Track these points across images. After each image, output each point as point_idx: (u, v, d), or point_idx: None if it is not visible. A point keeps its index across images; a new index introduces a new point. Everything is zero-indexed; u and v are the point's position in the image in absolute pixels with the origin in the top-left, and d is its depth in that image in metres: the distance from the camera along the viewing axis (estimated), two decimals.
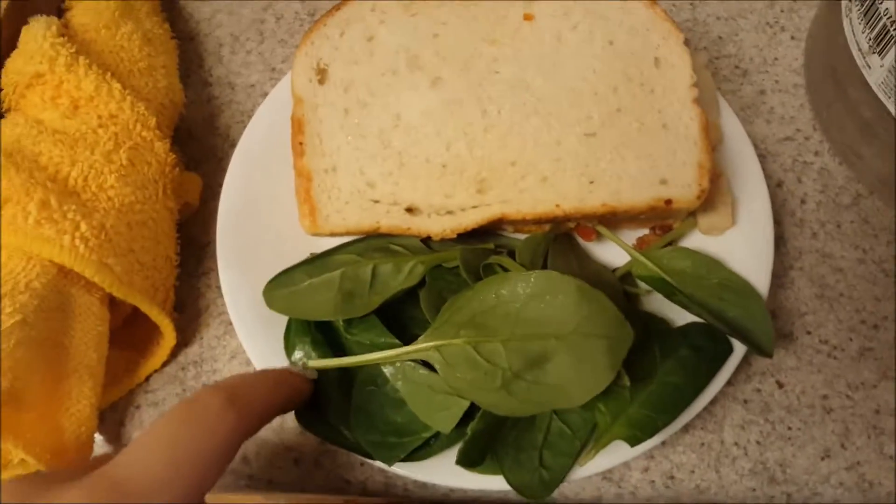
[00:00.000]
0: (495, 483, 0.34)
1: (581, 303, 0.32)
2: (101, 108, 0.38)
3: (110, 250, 0.36)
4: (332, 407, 0.35)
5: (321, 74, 0.38)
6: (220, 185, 0.42)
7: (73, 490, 0.24)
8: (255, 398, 0.29)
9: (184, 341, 0.40)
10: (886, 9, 0.36)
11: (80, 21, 0.41)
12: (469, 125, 0.37)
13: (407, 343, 0.35)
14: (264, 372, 0.33)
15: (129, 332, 0.41)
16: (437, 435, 0.34)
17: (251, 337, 0.37)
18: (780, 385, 0.38)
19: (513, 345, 0.31)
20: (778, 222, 0.41)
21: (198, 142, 0.45)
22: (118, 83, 0.39)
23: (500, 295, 0.32)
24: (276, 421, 0.38)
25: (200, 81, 0.47)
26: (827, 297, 0.40)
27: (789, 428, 0.37)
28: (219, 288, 0.41)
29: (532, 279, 0.32)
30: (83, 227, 0.35)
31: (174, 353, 0.40)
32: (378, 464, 0.34)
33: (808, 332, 0.39)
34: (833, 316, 0.40)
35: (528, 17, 0.38)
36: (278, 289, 0.37)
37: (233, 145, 0.44)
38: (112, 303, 0.38)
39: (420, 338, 0.33)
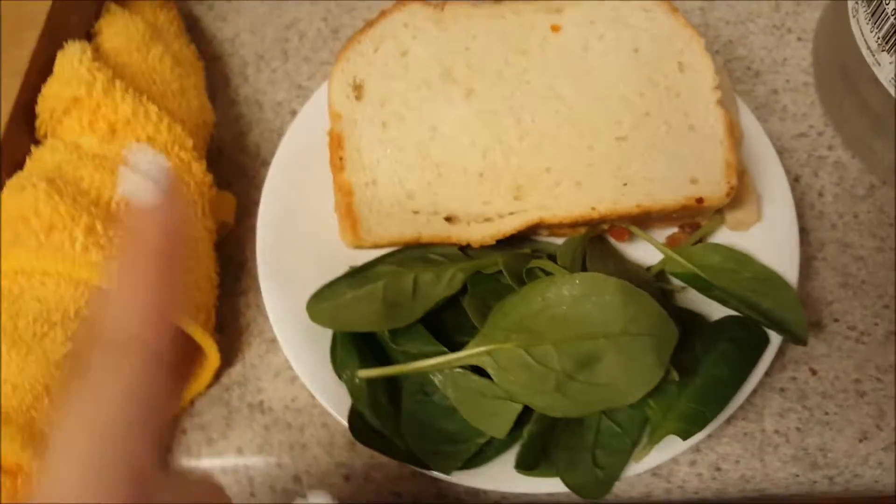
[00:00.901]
0: (551, 485, 0.35)
1: (626, 303, 0.33)
2: (139, 131, 0.39)
3: None
4: (384, 419, 0.36)
5: (357, 90, 0.39)
6: (254, 204, 0.43)
7: None
8: None
9: (227, 361, 0.40)
10: (893, 9, 0.38)
11: (111, 45, 0.42)
12: (504, 134, 0.38)
13: (452, 350, 0.36)
14: None
15: (171, 357, 0.41)
16: (490, 441, 0.35)
17: (297, 353, 0.38)
18: (814, 372, 0.40)
19: (563, 346, 0.32)
20: (799, 215, 0.43)
21: (229, 161, 0.45)
22: (154, 105, 0.40)
23: (546, 298, 0.33)
24: (326, 437, 0.39)
25: (228, 101, 0.47)
26: (850, 286, 0.41)
27: (826, 413, 0.39)
28: (258, 306, 0.42)
29: (577, 281, 0.33)
30: None
31: (217, 375, 0.40)
32: (432, 473, 0.35)
33: (836, 320, 0.41)
34: (858, 303, 0.41)
35: (555, 29, 0.39)
36: (321, 303, 0.38)
37: (264, 163, 0.45)
38: None
39: (470, 343, 0.34)
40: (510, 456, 0.35)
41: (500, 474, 0.35)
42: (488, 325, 0.34)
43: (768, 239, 0.39)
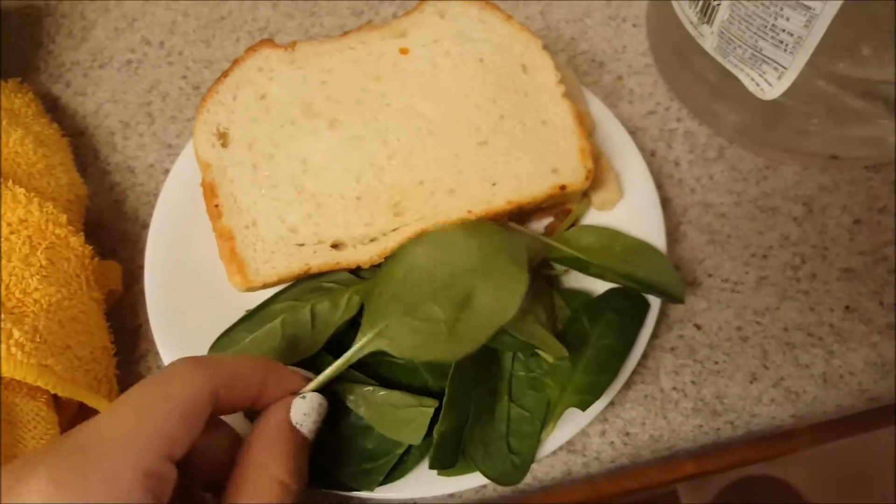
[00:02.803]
0: (471, 481, 0.36)
1: (471, 236, 0.36)
2: (10, 215, 0.39)
3: (47, 351, 0.36)
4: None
5: (223, 138, 0.40)
6: (140, 268, 0.43)
7: (40, 468, 0.24)
8: (229, 366, 0.29)
9: None
10: None
11: None
12: (373, 156, 0.39)
13: (358, 369, 0.37)
14: (256, 361, 0.32)
15: None
16: (408, 450, 0.36)
17: None
18: (699, 327, 0.42)
19: (438, 298, 0.34)
20: (660, 186, 0.46)
21: (108, 230, 0.45)
22: (21, 188, 0.39)
23: (406, 264, 0.36)
24: None
25: (100, 171, 0.47)
26: (717, 242, 0.45)
27: (716, 363, 0.41)
28: (159, 368, 0.42)
29: (425, 240, 0.36)
30: (16, 333, 0.35)
31: None
32: (358, 495, 0.35)
33: (710, 275, 0.44)
34: (727, 256, 0.44)
35: (403, 52, 0.41)
36: (222, 350, 0.38)
37: (144, 226, 0.45)
38: (57, 403, 0.38)
39: (358, 336, 0.35)
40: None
41: (422, 481, 0.36)
42: (368, 313, 0.35)
43: (633, 212, 0.42)
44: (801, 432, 0.42)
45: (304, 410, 0.31)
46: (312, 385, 0.33)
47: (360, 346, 0.34)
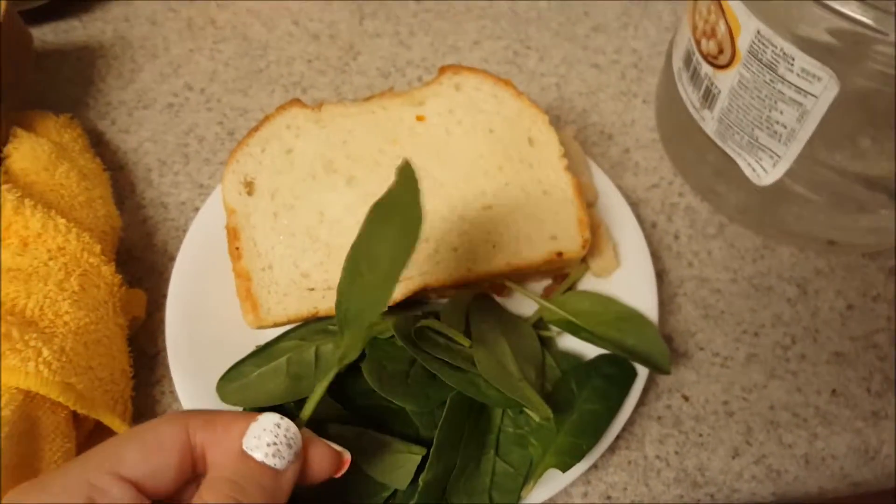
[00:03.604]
0: None
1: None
2: (49, 242, 0.42)
3: (71, 370, 0.39)
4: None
5: (249, 187, 0.43)
6: (164, 297, 0.46)
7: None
8: (213, 423, 0.30)
9: None
10: (706, 72, 0.44)
11: (19, 167, 0.45)
12: None
13: (354, 414, 0.39)
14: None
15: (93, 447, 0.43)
16: (394, 493, 0.38)
17: None
18: (686, 398, 0.44)
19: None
20: (658, 257, 0.48)
21: (138, 260, 0.49)
22: (62, 218, 0.43)
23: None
24: None
25: (134, 205, 0.51)
26: (711, 316, 0.47)
27: (700, 435, 0.43)
28: (172, 393, 0.44)
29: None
30: (45, 352, 0.38)
31: None
32: None
33: (701, 349, 0.45)
34: (719, 331, 0.46)
35: (420, 119, 0.44)
36: (230, 383, 0.41)
37: (172, 259, 0.48)
38: (76, 419, 0.41)
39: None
40: None
41: None
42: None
43: (629, 282, 0.44)
44: None
45: (255, 434, 0.30)
46: (307, 408, 0.33)
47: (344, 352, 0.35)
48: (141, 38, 0.59)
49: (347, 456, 0.33)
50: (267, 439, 0.29)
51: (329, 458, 0.32)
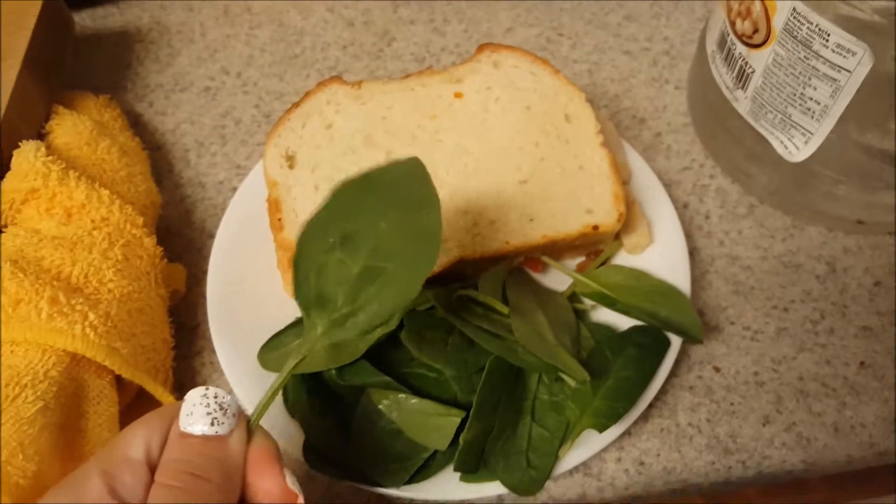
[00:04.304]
0: (491, 489, 0.38)
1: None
2: (94, 213, 0.43)
3: (116, 336, 0.40)
4: (335, 449, 0.39)
5: (290, 160, 0.44)
6: (202, 273, 0.47)
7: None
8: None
9: None
10: (740, 52, 0.45)
11: (62, 141, 0.46)
12: None
13: (396, 380, 0.40)
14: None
15: (133, 416, 0.44)
16: (434, 455, 0.39)
17: (252, 399, 0.41)
18: (717, 370, 0.45)
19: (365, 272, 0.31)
20: (690, 236, 0.49)
21: (177, 236, 0.50)
22: (106, 190, 0.44)
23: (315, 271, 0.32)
24: None
25: (173, 184, 0.52)
26: (741, 292, 0.47)
27: (731, 404, 0.43)
28: (212, 363, 0.45)
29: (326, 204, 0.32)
30: (91, 316, 0.39)
31: None
32: (384, 490, 0.38)
33: (732, 323, 0.46)
34: (749, 306, 0.47)
35: (458, 95, 0.45)
36: (271, 352, 0.42)
37: (210, 236, 0.49)
38: (119, 384, 0.41)
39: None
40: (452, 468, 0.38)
41: (444, 484, 0.38)
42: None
43: (662, 257, 0.45)
44: (816, 486, 0.43)
45: (187, 411, 0.29)
46: (256, 414, 0.31)
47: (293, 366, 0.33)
48: (178, 24, 0.60)
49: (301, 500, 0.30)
50: (199, 412, 0.29)
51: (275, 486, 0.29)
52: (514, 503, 0.40)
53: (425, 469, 0.38)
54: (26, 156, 0.43)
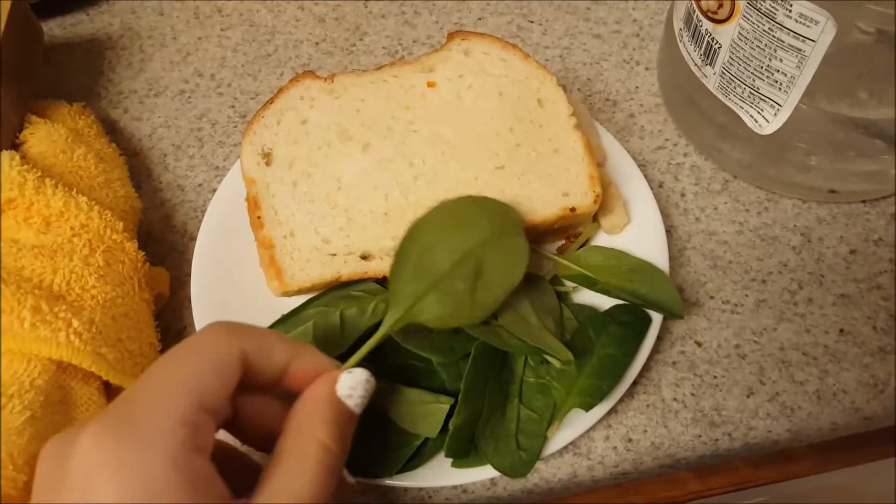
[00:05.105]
0: (482, 474, 0.39)
1: (479, 211, 0.39)
2: (72, 220, 0.43)
3: (102, 341, 0.40)
4: None
5: (266, 157, 0.44)
6: (186, 276, 0.47)
7: (93, 421, 0.27)
8: (258, 334, 0.31)
9: None
10: (706, 29, 0.46)
11: (37, 150, 0.46)
12: (400, 177, 0.43)
13: (382, 370, 0.40)
14: (289, 338, 0.34)
15: None
16: (425, 442, 0.39)
17: None
18: (699, 344, 0.45)
19: (457, 272, 0.37)
20: (667, 214, 0.49)
21: (158, 241, 0.50)
22: (84, 196, 0.44)
23: (421, 246, 0.37)
24: None
25: (152, 189, 0.52)
26: (719, 266, 0.48)
27: (714, 377, 0.44)
28: None
29: (435, 218, 0.38)
30: (75, 323, 0.39)
31: None
32: (377, 482, 0.38)
33: (711, 297, 0.47)
34: (728, 280, 0.47)
35: (431, 85, 0.46)
36: None
37: (192, 238, 0.49)
38: (107, 389, 0.42)
39: (389, 316, 0.37)
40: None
41: (436, 471, 0.39)
42: (393, 292, 0.37)
43: (639, 236, 0.46)
44: (804, 455, 0.44)
45: (350, 384, 0.32)
46: (352, 361, 0.35)
47: (396, 320, 0.36)
48: (148, 29, 0.60)
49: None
50: (360, 392, 0.32)
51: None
52: (506, 485, 0.41)
53: (417, 457, 0.39)
54: (1, 166, 0.43)
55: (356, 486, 0.39)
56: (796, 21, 0.39)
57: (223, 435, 0.31)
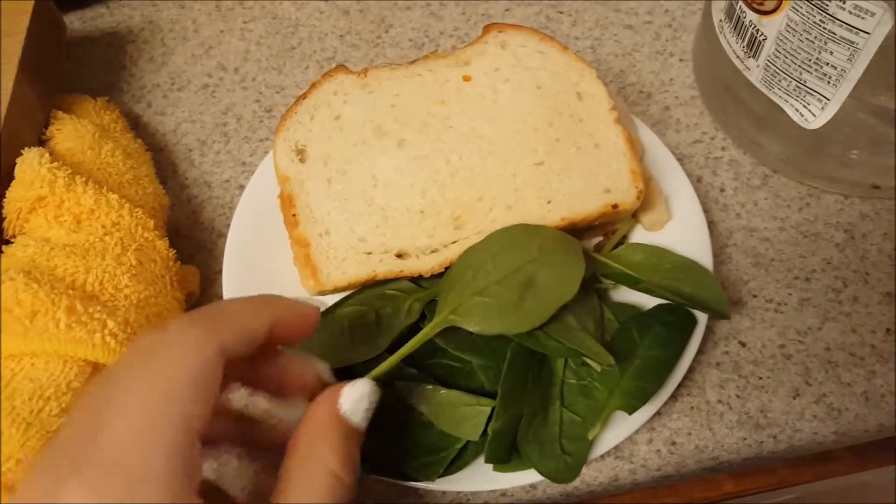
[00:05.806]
0: (525, 478, 0.38)
1: (529, 234, 0.39)
2: (103, 218, 0.42)
3: None
4: (365, 445, 0.39)
5: (300, 154, 0.43)
6: (215, 273, 0.46)
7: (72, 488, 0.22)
8: (229, 313, 0.28)
9: None
10: (750, 20, 0.44)
11: (64, 147, 0.45)
12: (437, 174, 0.42)
13: (421, 372, 0.39)
14: (255, 298, 0.30)
15: None
16: (466, 446, 0.38)
17: None
18: (743, 344, 0.44)
19: (507, 282, 0.37)
20: (706, 210, 0.48)
21: (186, 238, 0.49)
22: (114, 194, 0.43)
23: (472, 265, 0.38)
24: None
25: (178, 185, 0.51)
26: (762, 264, 0.47)
27: (760, 378, 0.43)
28: None
29: (487, 242, 0.39)
30: (110, 324, 0.38)
31: None
32: (417, 485, 0.38)
33: (755, 296, 0.46)
34: (770, 278, 0.46)
35: (466, 79, 0.45)
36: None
37: (220, 235, 0.48)
38: None
39: (435, 319, 0.37)
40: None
41: (478, 475, 0.38)
42: (441, 302, 0.38)
43: (681, 232, 0.44)
44: (842, 455, 0.43)
45: (354, 398, 0.30)
46: (392, 361, 0.35)
47: (435, 323, 0.36)
48: (170, 22, 0.59)
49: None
50: (364, 406, 0.31)
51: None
52: (546, 489, 0.40)
53: (458, 460, 0.38)
54: (30, 163, 0.42)
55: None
56: (850, 13, 0.38)
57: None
